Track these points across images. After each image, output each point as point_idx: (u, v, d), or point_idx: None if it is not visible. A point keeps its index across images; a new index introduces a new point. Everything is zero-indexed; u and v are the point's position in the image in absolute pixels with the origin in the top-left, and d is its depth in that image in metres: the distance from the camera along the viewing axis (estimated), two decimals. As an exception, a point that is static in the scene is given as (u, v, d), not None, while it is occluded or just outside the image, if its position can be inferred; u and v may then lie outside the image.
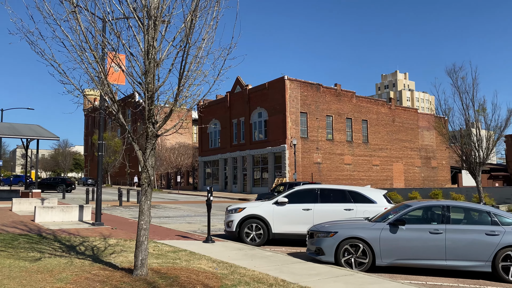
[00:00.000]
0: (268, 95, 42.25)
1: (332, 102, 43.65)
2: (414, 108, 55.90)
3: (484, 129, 24.17)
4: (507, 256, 8.61)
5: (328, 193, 12.66)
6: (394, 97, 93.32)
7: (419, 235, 9.02)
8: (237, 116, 47.20)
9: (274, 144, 41.02)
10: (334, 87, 44.43)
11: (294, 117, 40.18)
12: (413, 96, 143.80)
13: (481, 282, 8.58)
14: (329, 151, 42.65)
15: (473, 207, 9.63)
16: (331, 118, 43.43)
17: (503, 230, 8.78)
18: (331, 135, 43.26)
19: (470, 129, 23.13)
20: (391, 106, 50.17)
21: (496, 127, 22.66)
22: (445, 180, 55.45)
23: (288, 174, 39.27)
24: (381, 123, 48.21)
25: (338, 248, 9.21)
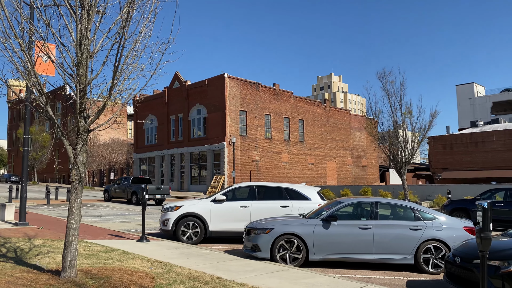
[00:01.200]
0: (207, 92, 41.97)
1: (271, 101, 44.35)
2: (347, 110, 58.43)
3: (410, 130, 25.89)
4: (428, 249, 9.29)
5: (266, 191, 12.87)
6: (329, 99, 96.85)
7: (350, 230, 9.46)
8: (175, 112, 46.37)
9: (213, 141, 40.86)
10: (273, 86, 45.17)
11: (233, 115, 40.29)
12: (346, 98, 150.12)
13: (404, 273, 9.18)
14: (267, 149, 43.30)
15: (399, 204, 10.27)
16: (270, 117, 44.12)
17: (425, 225, 9.46)
18: (270, 134, 43.95)
19: (397, 130, 24.63)
20: (326, 107, 52.01)
21: (421, 129, 24.36)
22: (374, 178, 58.59)
23: (227, 172, 39.33)
24: (317, 123, 49.82)
25: (274, 244, 9.40)
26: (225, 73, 40.11)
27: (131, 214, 20.96)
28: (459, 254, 7.44)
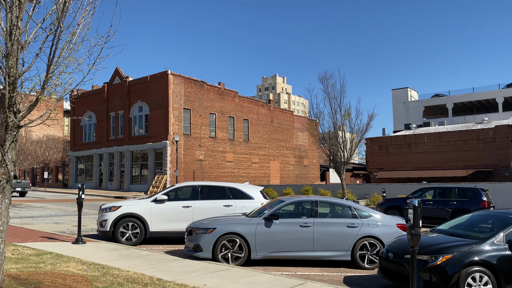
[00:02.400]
0: (150, 88, 40.91)
1: (216, 100, 44.16)
2: (290, 111, 59.62)
3: (348, 132, 26.94)
4: (364, 245, 9.72)
5: (209, 190, 12.79)
6: (273, 99, 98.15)
7: (291, 228, 9.66)
8: (115, 109, 44.71)
9: (155, 140, 39.91)
10: (218, 85, 45.01)
11: (177, 113, 39.61)
12: (290, 99, 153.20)
13: (342, 270, 9.53)
14: (211, 148, 43.06)
15: (337, 202, 10.65)
16: (215, 116, 43.92)
17: (361, 223, 9.89)
18: (214, 133, 43.74)
19: (337, 131, 25.54)
20: (270, 107, 52.72)
21: (359, 131, 25.42)
22: (315, 178, 60.31)
23: (170, 171, 38.60)
24: (261, 123, 50.36)
25: (216, 244, 9.38)
26: (169, 70, 39.33)
27: (66, 215, 19.94)
28: (392, 250, 7.86)
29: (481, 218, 8.52)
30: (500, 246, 7.05)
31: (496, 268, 6.84)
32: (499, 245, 7.07)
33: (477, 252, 6.93)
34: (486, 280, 6.79)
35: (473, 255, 6.88)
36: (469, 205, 17.85)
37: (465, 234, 7.81)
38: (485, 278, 6.79)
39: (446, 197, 19.42)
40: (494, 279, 6.81)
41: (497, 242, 7.10)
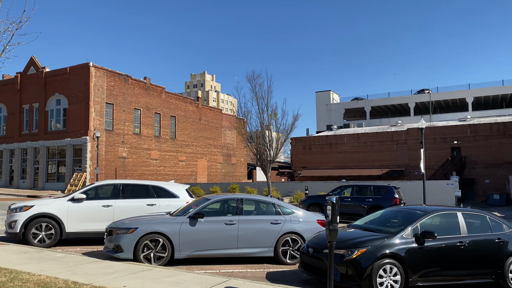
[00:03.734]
0: (69, 81, 38.44)
1: (141, 95, 42.72)
2: (219, 109, 59.56)
3: (275, 131, 27.58)
4: (286, 241, 10.02)
5: (131, 189, 12.34)
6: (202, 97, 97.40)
7: (216, 226, 9.66)
8: (29, 101, 41.39)
9: (75, 135, 37.61)
10: (144, 80, 43.58)
11: (98, 108, 37.68)
12: (218, 97, 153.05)
13: (265, 266, 9.74)
14: (135, 145, 41.58)
15: (262, 200, 10.85)
16: (139, 112, 42.47)
17: (284, 219, 10.18)
18: (139, 129, 42.29)
19: (264, 131, 26.02)
20: (198, 105, 52.21)
21: (284, 130, 26.15)
22: (242, 176, 60.90)
23: (90, 168, 36.61)
24: (189, 120, 49.69)
25: (138, 244, 9.08)
26: (90, 62, 37.28)
27: (-31, 216, 18.05)
28: (312, 245, 8.19)
29: (392, 214, 9.18)
30: (408, 239, 7.66)
31: (404, 260, 7.41)
32: (407, 238, 7.67)
33: (388, 246, 7.46)
34: (396, 271, 7.34)
35: (384, 249, 7.39)
36: (383, 201, 19.16)
37: (378, 229, 8.36)
38: (395, 269, 7.34)
39: (363, 194, 20.68)
40: (402, 270, 7.38)
41: (405, 236, 7.70)
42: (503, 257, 8.13)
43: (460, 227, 8.18)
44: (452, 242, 7.88)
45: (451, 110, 68.87)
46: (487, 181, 44.48)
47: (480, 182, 44.89)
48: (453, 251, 7.82)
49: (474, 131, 45.94)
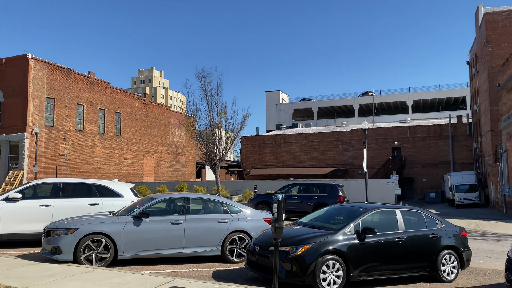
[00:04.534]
0: (5, 73, 36.02)
1: (85, 90, 40.94)
2: (167, 106, 58.44)
3: (225, 130, 27.53)
4: (233, 240, 10.04)
5: (72, 188, 11.82)
6: (149, 93, 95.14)
7: (162, 226, 9.48)
8: (-41, 93, 38.30)
9: (11, 131, 35.32)
10: (88, 74, 41.80)
11: (38, 102, 35.64)
12: (167, 94, 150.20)
13: (211, 265, 9.70)
14: (78, 142, 39.79)
15: (210, 198, 10.80)
16: (83, 107, 40.69)
17: (232, 218, 10.20)
18: (82, 126, 40.51)
19: (213, 129, 25.87)
20: (145, 101, 50.93)
21: (234, 129, 26.14)
22: (191, 175, 60.21)
23: (27, 166, 34.56)
24: (135, 117, 48.34)
25: (79, 245, 8.71)
26: (29, 54, 35.18)
27: None
28: (258, 243, 8.27)
29: (336, 211, 9.48)
30: (350, 235, 7.94)
31: (346, 256, 7.68)
32: (349, 235, 7.95)
33: (331, 242, 7.69)
34: (338, 267, 7.59)
35: (327, 245, 7.62)
36: (328, 199, 19.76)
37: (322, 226, 8.59)
38: (337, 265, 7.58)
39: (309, 192, 21.20)
40: (344, 265, 7.64)
41: (347, 232, 7.98)
42: (436, 251, 8.65)
43: (398, 224, 8.61)
44: (391, 238, 8.27)
45: (393, 112, 72.28)
46: (424, 179, 47.18)
47: (418, 180, 47.53)
48: (392, 246, 8.21)
49: (413, 132, 48.53)
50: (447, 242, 8.81)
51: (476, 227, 19.57)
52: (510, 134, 27.77)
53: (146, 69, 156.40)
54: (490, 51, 35.04)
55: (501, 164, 29.57)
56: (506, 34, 34.35)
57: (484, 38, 35.78)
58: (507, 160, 28.43)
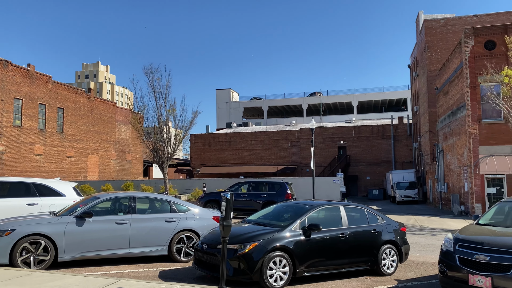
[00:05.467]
0: None
1: (24, 84, 38.61)
2: (113, 102, 56.52)
3: (173, 127, 27.05)
4: (181, 239, 9.92)
5: (8, 187, 11.16)
6: (94, 88, 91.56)
7: (106, 226, 9.18)
8: None
9: None
10: (27, 67, 39.45)
11: (-30, 96, 33.15)
12: (113, 90, 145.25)
13: (158, 265, 9.53)
14: (16, 139, 37.46)
15: (156, 197, 10.59)
16: (21, 102, 38.35)
17: (179, 217, 10.07)
18: (20, 121, 38.17)
19: (162, 126, 25.34)
20: (90, 96, 48.94)
21: (183, 127, 25.75)
22: (138, 173, 58.66)
23: (-43, 164, 32.04)
24: (79, 113, 46.32)
25: (15, 247, 8.24)
26: (-39, 43, 32.62)
27: None
28: (206, 241, 8.23)
29: (283, 208, 9.64)
30: (296, 232, 8.11)
31: (293, 252, 7.84)
32: (296, 231, 8.13)
33: (278, 239, 7.82)
34: (285, 263, 7.73)
35: (275, 242, 7.74)
36: (277, 197, 20.04)
37: (270, 223, 8.71)
38: (284, 261, 7.72)
39: (258, 190, 21.39)
40: (291, 261, 7.80)
41: (294, 229, 8.15)
42: (377, 246, 9.05)
43: (342, 220, 8.91)
44: (335, 234, 8.55)
45: (339, 112, 74.64)
46: (368, 177, 49.18)
47: (362, 178, 49.44)
48: (336, 242, 8.49)
49: (358, 132, 50.40)
50: (388, 237, 9.25)
51: (414, 223, 20.69)
52: (446, 134, 29.62)
53: (91, 63, 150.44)
54: (429, 56, 37.13)
55: (438, 163, 31.48)
56: (444, 41, 36.56)
57: (424, 43, 37.87)
58: (443, 159, 30.31)
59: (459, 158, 25.61)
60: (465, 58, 23.33)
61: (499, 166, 22.07)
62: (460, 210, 24.41)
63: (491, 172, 22.31)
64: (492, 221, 8.24)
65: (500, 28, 23.18)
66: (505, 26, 23.02)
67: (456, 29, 35.57)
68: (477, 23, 34.42)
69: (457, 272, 6.83)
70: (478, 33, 23.41)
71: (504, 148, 22.08)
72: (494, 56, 22.58)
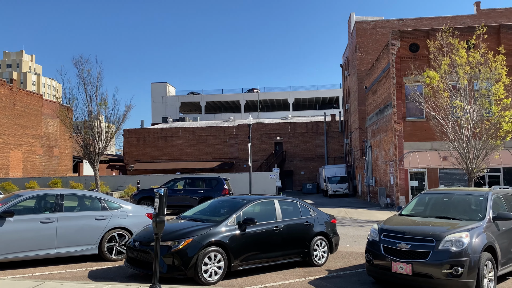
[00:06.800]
0: None
1: None
2: (39, 94, 52.92)
3: (105, 121, 25.89)
4: (112, 237, 9.57)
5: None
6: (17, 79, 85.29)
7: (30, 225, 8.63)
8: None
9: None
10: None
11: None
12: (39, 81, 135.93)
13: (88, 264, 9.12)
14: None
15: (86, 195, 10.12)
16: None
17: (111, 214, 9.71)
18: None
19: (92, 120, 24.20)
20: (12, 88, 45.40)
21: (115, 121, 24.75)
22: (67, 169, 55.55)
23: None
24: (0, 105, 42.83)
25: None
26: None
27: None
28: (139, 239, 8.02)
29: (219, 204, 9.65)
30: (231, 227, 8.16)
31: (228, 247, 7.87)
32: (231, 226, 8.17)
33: (213, 234, 7.82)
34: (220, 258, 7.75)
35: (210, 237, 7.73)
36: (214, 193, 20.00)
37: (205, 219, 8.68)
38: (219, 256, 7.74)
39: (195, 186, 21.22)
40: (226, 256, 7.84)
41: (229, 224, 8.19)
42: (309, 238, 9.37)
43: (276, 214, 9.11)
44: (269, 227, 8.71)
45: (276, 109, 76.03)
46: (302, 172, 50.66)
47: (297, 173, 50.84)
48: (270, 235, 8.66)
49: (294, 128, 51.71)
50: (319, 229, 9.60)
51: (345, 215, 21.69)
52: (374, 131, 31.33)
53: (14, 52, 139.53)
54: (359, 56, 38.96)
55: (367, 158, 33.23)
56: (373, 42, 38.54)
57: (355, 44, 39.66)
58: (372, 155, 32.05)
59: (385, 154, 27.21)
60: (392, 59, 24.79)
61: (421, 161, 23.78)
62: (387, 202, 25.98)
63: (414, 166, 23.97)
64: (413, 211, 8.86)
65: (423, 32, 24.89)
66: (427, 30, 24.77)
67: (385, 32, 37.64)
68: (403, 26, 36.70)
69: (382, 261, 7.27)
70: (403, 36, 24.96)
71: (426, 144, 23.81)
72: (418, 58, 24.22)
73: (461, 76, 17.59)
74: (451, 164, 19.21)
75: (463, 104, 17.41)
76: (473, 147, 17.17)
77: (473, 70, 17.67)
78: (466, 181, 18.75)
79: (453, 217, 7.94)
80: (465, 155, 17.23)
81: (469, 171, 17.36)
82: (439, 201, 8.89)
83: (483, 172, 18.46)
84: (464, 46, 18.05)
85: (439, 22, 35.20)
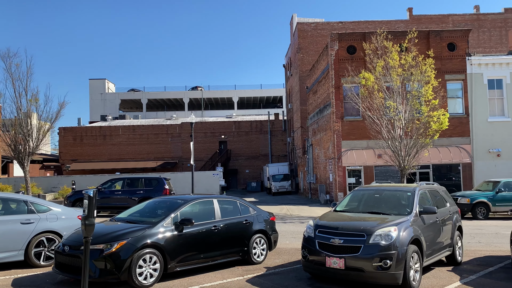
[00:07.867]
0: None
1: None
2: (-38, 89, 48.72)
3: (38, 119, 24.33)
4: (41, 242, 9.00)
5: None
6: None
7: None
8: None
9: None
10: None
11: None
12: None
13: (12, 271, 8.52)
14: None
15: (10, 197, 9.43)
16: None
17: (39, 218, 9.12)
18: None
19: (22, 118, 22.68)
20: None
21: (48, 118, 23.34)
22: (-5, 171, 51.71)
23: None
24: None
25: None
26: None
27: None
28: (68, 242, 7.60)
29: (156, 204, 9.38)
30: (168, 228, 7.97)
31: (164, 248, 7.67)
32: (168, 227, 7.98)
33: (149, 236, 7.59)
34: (155, 260, 7.53)
35: (145, 239, 7.49)
36: (154, 193, 19.50)
37: (141, 220, 8.40)
38: (154, 258, 7.52)
39: (134, 186, 20.57)
40: (162, 258, 7.63)
41: (166, 224, 7.99)
42: (248, 236, 9.40)
43: (215, 213, 9.03)
44: (208, 227, 8.62)
45: (220, 107, 75.74)
46: (247, 171, 50.94)
47: (242, 172, 51.04)
48: (209, 234, 8.57)
49: (238, 127, 51.83)
50: (258, 227, 9.66)
51: (287, 212, 22.08)
52: (314, 130, 32.17)
53: None
54: (301, 57, 39.82)
55: (308, 156, 34.06)
56: (314, 43, 39.55)
57: (297, 45, 40.48)
58: (312, 153, 32.90)
59: (325, 152, 28.05)
60: (331, 60, 25.57)
61: (358, 158, 24.77)
62: (326, 199, 26.80)
63: (351, 164, 24.92)
64: (348, 207, 9.18)
65: (359, 35, 25.91)
66: (364, 33, 25.82)
67: (325, 33, 38.74)
68: (342, 29, 38.00)
69: (317, 256, 7.45)
70: (342, 38, 25.83)
71: (362, 142, 24.83)
72: (355, 60, 25.19)
73: (394, 78, 18.53)
74: (385, 161, 20.17)
75: (396, 104, 18.36)
76: (405, 145, 18.15)
77: (405, 72, 18.67)
78: (399, 178, 19.77)
79: (383, 212, 8.31)
80: (398, 153, 18.18)
81: (402, 168, 18.34)
82: (371, 197, 9.27)
83: (414, 169, 19.61)
84: (397, 49, 19.03)
85: (375, 25, 36.82)
